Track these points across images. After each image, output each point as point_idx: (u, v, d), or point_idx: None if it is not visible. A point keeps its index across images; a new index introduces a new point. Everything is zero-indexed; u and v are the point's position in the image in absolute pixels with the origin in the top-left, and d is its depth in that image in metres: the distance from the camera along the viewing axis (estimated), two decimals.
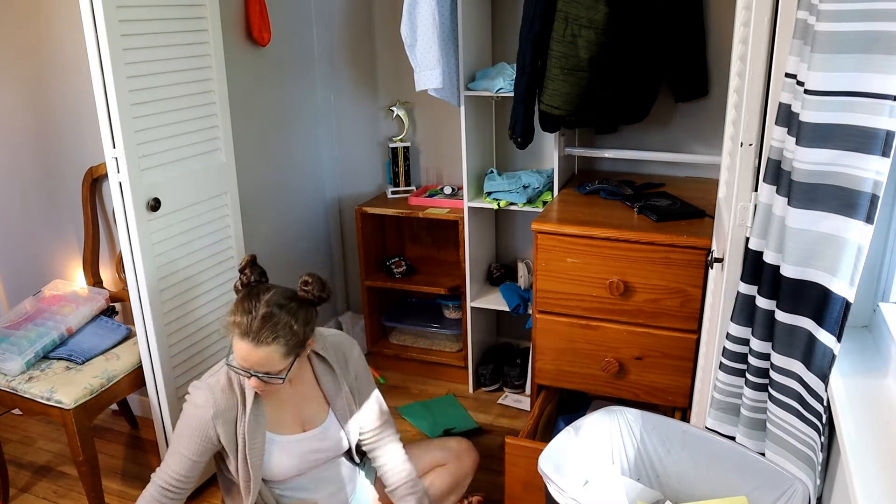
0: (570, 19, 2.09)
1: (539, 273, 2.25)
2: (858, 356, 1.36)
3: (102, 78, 1.91)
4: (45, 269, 2.80)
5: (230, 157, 2.34)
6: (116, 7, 1.88)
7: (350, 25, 2.99)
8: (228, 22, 2.48)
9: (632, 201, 2.30)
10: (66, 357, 2.21)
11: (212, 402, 1.72)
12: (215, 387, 1.74)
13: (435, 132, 3.00)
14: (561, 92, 2.16)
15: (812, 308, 1.21)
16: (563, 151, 2.56)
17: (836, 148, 1.11)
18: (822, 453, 1.27)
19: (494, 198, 2.66)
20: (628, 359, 2.22)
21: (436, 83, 2.44)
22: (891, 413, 1.19)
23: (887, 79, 1.03)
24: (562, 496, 1.52)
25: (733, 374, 1.50)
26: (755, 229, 1.36)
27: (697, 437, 1.71)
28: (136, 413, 2.83)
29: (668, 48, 2.30)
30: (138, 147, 2.01)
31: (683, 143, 2.59)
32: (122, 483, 2.48)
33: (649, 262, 2.10)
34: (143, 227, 2.05)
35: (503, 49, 2.74)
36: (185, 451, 1.73)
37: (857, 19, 1.04)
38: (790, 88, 1.24)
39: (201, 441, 1.72)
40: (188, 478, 1.74)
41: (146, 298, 2.10)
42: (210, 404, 1.71)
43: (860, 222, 1.11)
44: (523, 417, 2.72)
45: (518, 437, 2.11)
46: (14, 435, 2.78)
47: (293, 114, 2.95)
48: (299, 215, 3.04)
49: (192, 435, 1.72)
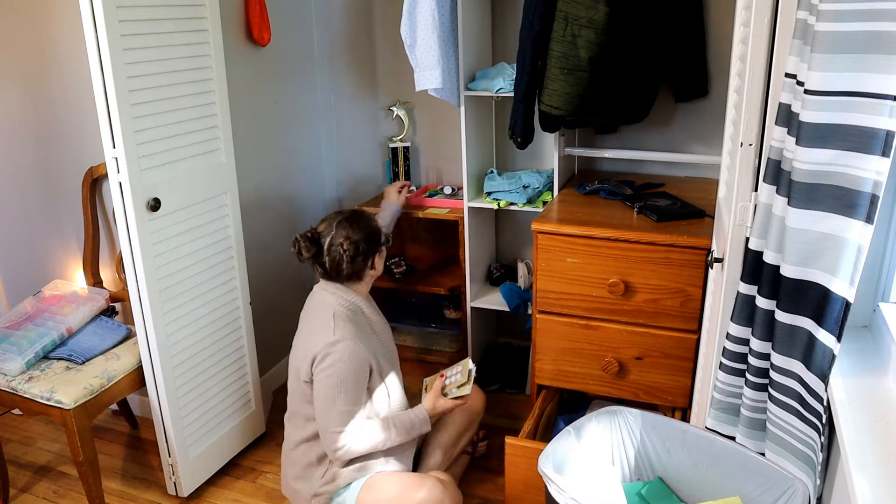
0: (570, 19, 2.09)
1: (539, 273, 2.25)
2: (858, 356, 1.37)
3: (102, 78, 1.91)
4: (45, 269, 2.80)
5: (230, 157, 2.34)
6: (116, 7, 1.88)
7: (350, 25, 2.99)
8: (228, 22, 2.48)
9: (632, 201, 2.30)
10: (66, 357, 2.21)
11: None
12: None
13: (435, 132, 3.00)
14: (561, 92, 2.16)
15: (812, 308, 1.21)
16: (563, 151, 2.56)
17: (836, 148, 1.11)
18: (822, 453, 1.27)
19: (494, 198, 2.66)
20: (628, 359, 2.22)
21: (436, 83, 2.43)
22: (891, 413, 1.19)
23: (887, 79, 1.03)
24: (562, 496, 1.52)
25: (733, 374, 1.50)
26: (755, 229, 1.36)
27: (697, 437, 1.71)
28: (136, 413, 2.83)
29: (667, 48, 2.30)
30: (138, 147, 2.01)
31: (683, 143, 2.59)
32: (122, 483, 2.48)
33: (649, 262, 2.10)
34: (143, 227, 2.05)
35: (503, 49, 2.74)
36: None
37: (857, 19, 1.04)
38: (790, 88, 1.24)
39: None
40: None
41: (146, 298, 2.10)
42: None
43: (860, 222, 1.11)
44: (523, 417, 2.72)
45: (518, 437, 2.11)
46: (14, 435, 2.78)
47: (293, 114, 2.95)
48: (299, 215, 3.04)
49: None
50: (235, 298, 2.43)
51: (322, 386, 1.96)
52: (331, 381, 1.95)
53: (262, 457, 2.58)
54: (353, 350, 1.97)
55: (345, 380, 1.95)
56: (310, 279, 3.07)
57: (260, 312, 2.67)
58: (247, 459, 2.56)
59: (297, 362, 2.06)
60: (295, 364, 2.08)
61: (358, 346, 1.98)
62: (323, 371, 1.96)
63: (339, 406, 1.95)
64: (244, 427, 2.56)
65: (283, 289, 2.96)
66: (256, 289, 2.60)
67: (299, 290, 3.00)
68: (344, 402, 1.96)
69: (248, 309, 2.49)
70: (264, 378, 2.78)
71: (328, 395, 1.95)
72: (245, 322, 2.48)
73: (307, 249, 2.02)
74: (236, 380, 2.48)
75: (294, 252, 2.05)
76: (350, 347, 1.96)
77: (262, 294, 2.74)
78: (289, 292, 2.98)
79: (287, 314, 2.95)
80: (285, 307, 2.96)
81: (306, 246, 2.02)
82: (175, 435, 2.25)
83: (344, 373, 1.95)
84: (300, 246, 2.03)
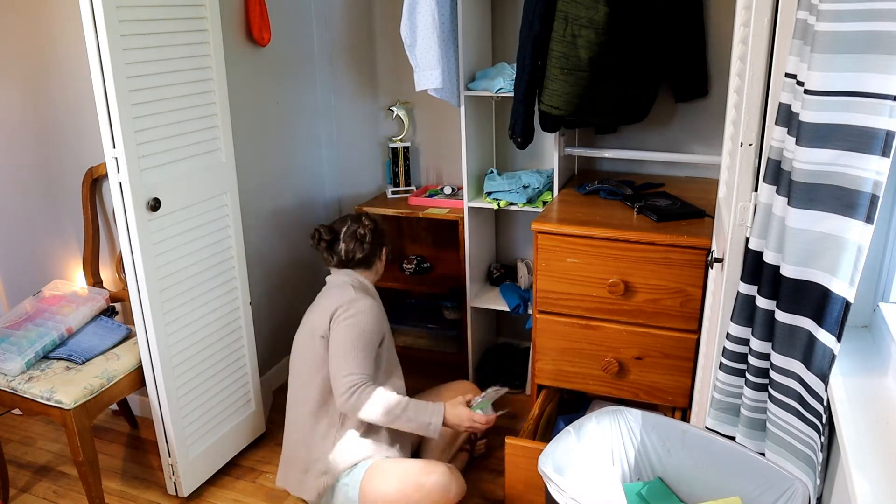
0: (569, 19, 2.09)
1: (539, 273, 2.25)
2: (858, 356, 1.37)
3: (102, 78, 1.91)
4: (45, 269, 2.80)
5: (230, 157, 2.34)
6: (116, 7, 1.88)
7: (350, 25, 2.99)
8: (228, 22, 2.49)
9: (632, 201, 2.30)
10: (66, 357, 2.21)
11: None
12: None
13: (435, 132, 3.00)
14: (561, 92, 2.16)
15: (812, 308, 1.21)
16: (563, 151, 2.56)
17: (836, 148, 1.11)
18: (822, 453, 1.27)
19: (494, 198, 2.66)
20: (628, 359, 2.22)
21: (436, 83, 2.44)
22: (891, 413, 1.19)
23: (887, 79, 1.03)
24: (562, 496, 1.52)
25: (733, 374, 1.50)
26: (755, 229, 1.36)
27: (697, 437, 1.71)
28: (136, 413, 2.83)
29: (667, 48, 2.30)
30: (138, 147, 2.01)
31: (683, 143, 2.60)
32: (122, 483, 2.48)
33: (649, 262, 2.10)
34: (143, 227, 2.05)
35: (503, 49, 2.74)
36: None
37: (857, 19, 1.04)
38: (790, 88, 1.24)
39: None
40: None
41: (146, 298, 2.10)
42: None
43: (860, 222, 1.11)
44: (523, 417, 2.72)
45: (518, 437, 2.11)
46: (14, 435, 2.78)
47: (293, 114, 2.95)
48: (299, 215, 3.04)
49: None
50: (235, 298, 2.43)
51: (341, 335, 2.05)
52: (351, 330, 2.05)
53: (262, 457, 2.58)
54: (372, 307, 2.12)
55: (364, 331, 2.07)
56: (310, 279, 3.07)
57: (260, 312, 2.67)
58: (247, 459, 2.56)
59: (311, 323, 2.14)
60: (309, 325, 2.15)
61: (375, 307, 2.14)
62: (344, 321, 2.05)
63: (357, 353, 2.04)
64: (244, 427, 2.56)
65: (284, 289, 2.96)
66: (256, 289, 2.60)
67: (299, 290, 3.01)
68: (362, 349, 2.05)
69: (248, 309, 2.49)
70: (264, 378, 2.78)
71: (347, 340, 2.04)
72: (245, 322, 2.48)
73: (327, 233, 2.23)
74: (236, 380, 2.48)
75: (312, 242, 2.27)
76: (370, 304, 2.13)
77: (262, 294, 2.74)
78: (289, 292, 2.98)
79: (287, 314, 2.96)
80: (285, 307, 2.96)
81: (325, 231, 2.24)
82: (175, 435, 2.25)
83: (364, 324, 2.07)
84: (320, 234, 2.25)
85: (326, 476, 2.07)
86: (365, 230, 2.23)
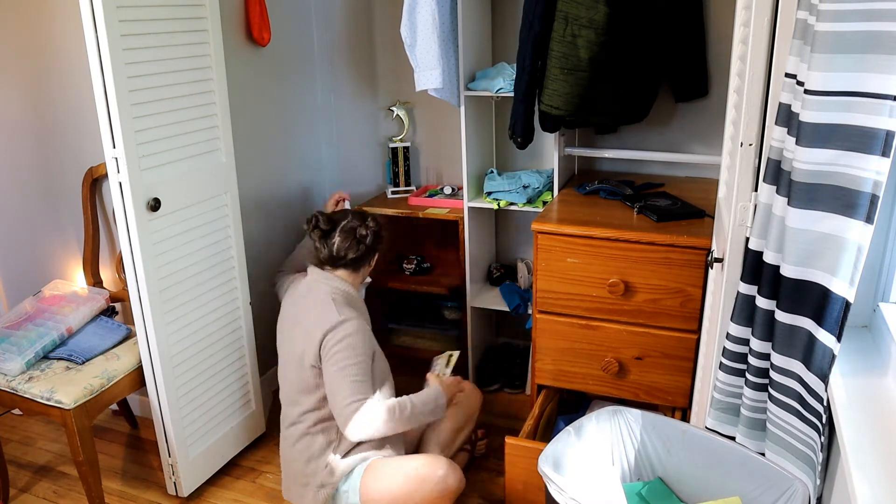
0: (569, 19, 2.09)
1: (539, 273, 2.25)
2: (858, 356, 1.37)
3: (102, 78, 1.91)
4: (45, 269, 2.80)
5: (230, 157, 2.34)
6: (116, 7, 1.88)
7: (350, 25, 2.99)
8: (228, 22, 2.49)
9: (632, 201, 2.30)
10: (66, 357, 2.21)
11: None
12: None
13: (435, 132, 3.00)
14: (561, 92, 2.16)
15: (812, 308, 1.21)
16: (563, 151, 2.56)
17: (836, 148, 1.11)
18: (822, 453, 1.27)
19: (494, 198, 2.66)
20: (628, 359, 2.22)
21: (436, 83, 2.44)
22: (891, 413, 1.19)
23: (887, 79, 1.03)
24: (562, 496, 1.52)
25: (733, 374, 1.50)
26: (755, 229, 1.36)
27: (697, 437, 1.71)
28: (136, 413, 2.83)
29: (668, 48, 2.30)
30: (138, 147, 2.01)
31: (683, 144, 2.59)
32: (122, 483, 2.48)
33: (649, 262, 2.10)
34: (143, 227, 2.05)
35: (503, 49, 2.74)
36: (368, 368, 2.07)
37: (857, 19, 1.04)
38: (790, 88, 1.24)
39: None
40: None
41: (146, 298, 2.10)
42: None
43: (860, 222, 1.11)
44: (523, 417, 2.72)
45: (518, 437, 2.12)
46: (14, 435, 2.78)
47: (293, 114, 2.95)
48: (299, 215, 3.03)
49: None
50: (235, 298, 2.43)
51: (335, 360, 2.01)
52: (344, 353, 2.01)
53: (262, 457, 2.58)
54: (361, 326, 2.08)
55: (357, 356, 2.03)
56: None
57: (260, 312, 2.67)
58: (247, 459, 2.56)
59: (298, 349, 2.09)
60: (296, 352, 2.10)
61: (363, 324, 2.09)
62: (335, 346, 2.01)
63: (354, 379, 2.01)
64: (244, 427, 2.56)
65: None
66: (256, 289, 2.60)
67: None
68: (358, 373, 2.02)
69: (248, 309, 2.49)
70: (264, 378, 2.78)
71: (341, 366, 2.01)
72: (245, 322, 2.48)
73: (325, 223, 2.16)
74: (236, 380, 2.48)
75: (307, 227, 2.19)
76: (359, 324, 2.07)
77: (262, 294, 2.74)
78: None
79: None
80: None
81: (324, 220, 2.17)
82: (175, 435, 2.25)
83: (356, 344, 2.03)
84: (317, 220, 2.17)
85: (325, 488, 2.07)
86: (367, 231, 2.18)
